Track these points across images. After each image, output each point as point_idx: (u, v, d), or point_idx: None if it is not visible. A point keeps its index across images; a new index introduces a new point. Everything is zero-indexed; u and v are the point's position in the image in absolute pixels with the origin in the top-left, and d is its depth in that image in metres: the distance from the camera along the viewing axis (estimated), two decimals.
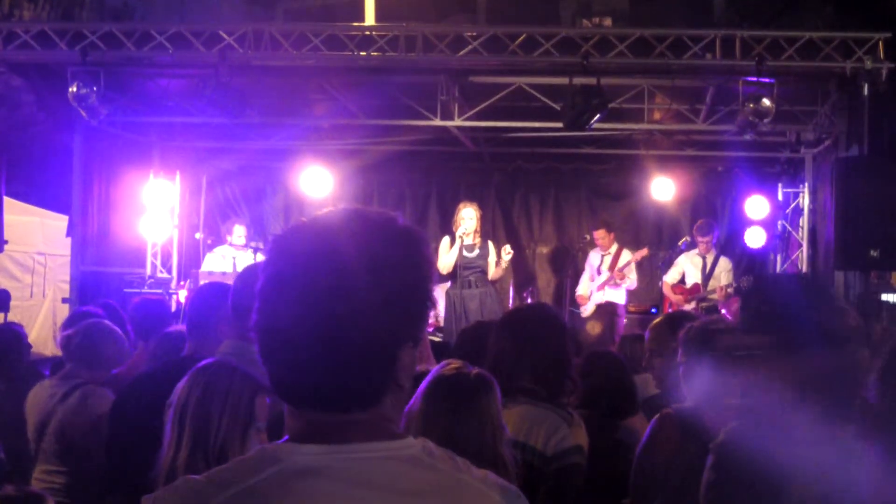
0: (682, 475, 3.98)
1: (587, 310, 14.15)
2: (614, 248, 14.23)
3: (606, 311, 14.06)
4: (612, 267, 14.04)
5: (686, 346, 4.69)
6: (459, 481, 1.82)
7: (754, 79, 10.77)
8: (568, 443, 4.23)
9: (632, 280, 14.02)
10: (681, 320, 5.08)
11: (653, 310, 14.79)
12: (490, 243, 12.82)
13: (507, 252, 12.58)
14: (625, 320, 14.34)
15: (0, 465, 5.25)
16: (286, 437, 1.83)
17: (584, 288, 14.28)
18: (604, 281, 14.02)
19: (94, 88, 11.13)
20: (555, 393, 4.44)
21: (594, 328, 4.14)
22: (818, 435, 3.02)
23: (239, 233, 13.66)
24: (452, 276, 12.52)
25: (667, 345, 5.06)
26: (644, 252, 13.97)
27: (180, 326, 5.97)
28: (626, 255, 14.17)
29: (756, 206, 14.55)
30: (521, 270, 16.02)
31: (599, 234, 14.23)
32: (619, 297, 14.07)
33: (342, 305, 1.74)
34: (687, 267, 13.94)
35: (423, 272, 1.86)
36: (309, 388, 1.80)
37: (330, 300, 1.74)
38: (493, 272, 12.60)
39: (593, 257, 14.40)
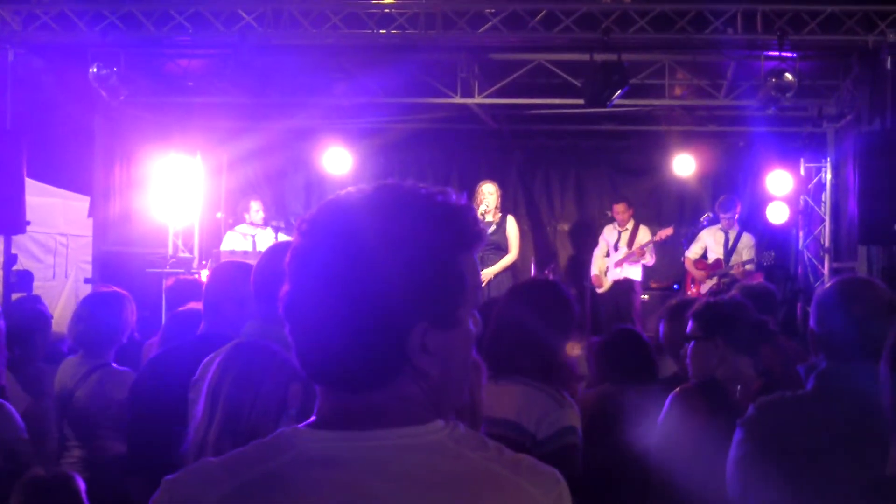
0: (712, 448, 3.94)
1: (604, 286, 14.14)
2: (631, 224, 14.23)
3: (624, 288, 14.05)
4: (630, 243, 14.04)
5: (697, 321, 4.69)
6: (485, 469, 1.75)
7: (776, 53, 10.72)
8: (560, 424, 4.13)
9: (650, 257, 14.03)
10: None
11: (675, 286, 14.77)
12: (510, 218, 12.83)
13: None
14: (642, 297, 14.36)
15: (24, 447, 5.26)
16: (312, 418, 1.81)
17: (598, 265, 14.20)
18: (623, 257, 14.00)
19: (115, 69, 11.16)
20: (551, 374, 4.33)
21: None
22: None
23: (256, 208, 13.64)
24: None
25: None
26: (669, 231, 13.92)
27: (191, 305, 5.95)
28: (645, 231, 14.17)
29: (778, 181, 14.47)
30: (542, 247, 16.03)
31: (620, 209, 14.25)
32: (635, 273, 14.07)
33: (353, 279, 1.71)
34: (709, 242, 13.89)
35: (447, 247, 1.79)
36: (323, 364, 1.78)
37: (342, 274, 1.72)
38: (513, 247, 12.65)
39: (609, 233, 14.38)
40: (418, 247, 1.74)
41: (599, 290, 14.09)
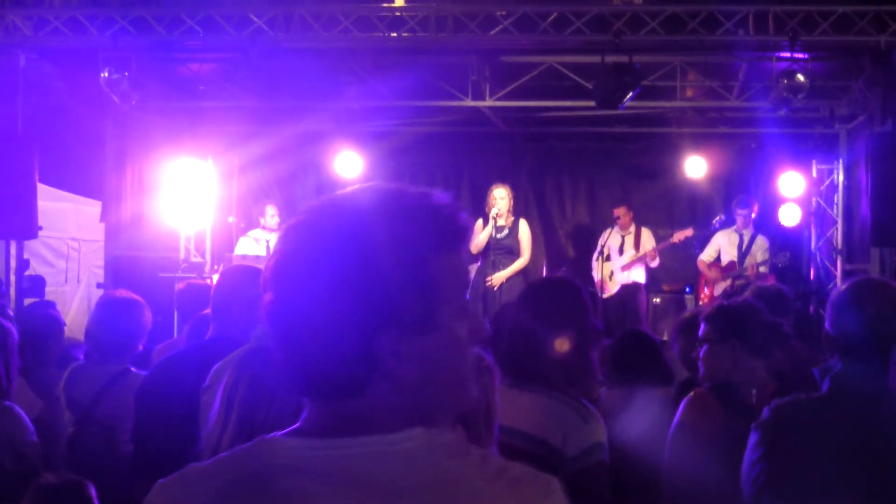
0: (728, 450, 3.92)
1: (609, 290, 14.08)
2: (633, 227, 14.19)
3: (631, 290, 14.02)
4: (636, 245, 14.00)
5: (711, 324, 4.67)
6: (457, 478, 1.69)
7: (788, 54, 10.70)
8: (588, 441, 3.98)
9: (657, 259, 14.01)
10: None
11: (687, 289, 14.73)
12: (522, 221, 12.82)
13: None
14: (654, 300, 14.34)
15: (34, 451, 5.26)
16: (295, 426, 1.80)
17: (601, 270, 14.05)
18: (632, 260, 13.95)
19: (126, 73, 11.13)
20: (571, 379, 4.18)
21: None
22: None
23: (271, 212, 13.71)
24: (483, 256, 12.52)
25: None
26: (688, 232, 13.85)
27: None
28: (647, 234, 14.15)
29: (790, 182, 14.43)
30: (553, 250, 16.01)
31: (621, 212, 14.18)
32: (640, 275, 14.05)
33: (320, 285, 1.68)
34: (723, 244, 13.85)
35: (417, 248, 1.72)
36: (301, 372, 1.75)
37: (311, 280, 1.70)
38: (525, 251, 12.63)
39: (612, 237, 14.25)
40: (393, 249, 1.69)
41: (604, 295, 14.04)
